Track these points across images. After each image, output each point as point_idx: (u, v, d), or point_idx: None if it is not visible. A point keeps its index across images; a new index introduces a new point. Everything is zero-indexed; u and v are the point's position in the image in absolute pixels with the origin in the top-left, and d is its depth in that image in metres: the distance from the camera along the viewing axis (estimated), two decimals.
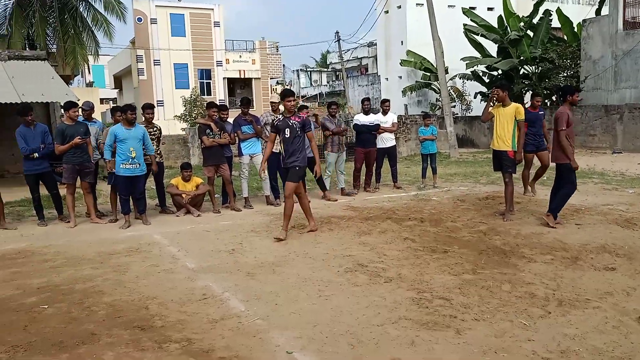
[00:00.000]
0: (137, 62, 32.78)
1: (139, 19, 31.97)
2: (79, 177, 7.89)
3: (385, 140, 10.30)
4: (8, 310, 4.33)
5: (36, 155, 7.66)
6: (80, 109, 8.57)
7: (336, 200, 9.37)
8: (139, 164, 7.63)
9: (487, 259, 5.52)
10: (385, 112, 10.43)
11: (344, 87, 39.38)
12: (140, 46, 32.28)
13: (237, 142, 8.95)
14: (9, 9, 22.17)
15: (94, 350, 3.52)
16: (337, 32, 35.51)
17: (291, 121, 6.77)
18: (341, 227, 7.19)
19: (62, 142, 7.64)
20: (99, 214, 8.27)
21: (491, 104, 7.55)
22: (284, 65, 42.18)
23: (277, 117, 7.69)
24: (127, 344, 3.60)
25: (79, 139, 7.63)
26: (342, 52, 37.58)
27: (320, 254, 5.87)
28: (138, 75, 32.85)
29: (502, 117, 7.36)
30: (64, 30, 22.16)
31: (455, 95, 26.79)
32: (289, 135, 6.76)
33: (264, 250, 6.10)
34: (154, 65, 32.69)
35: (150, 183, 9.04)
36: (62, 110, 8.87)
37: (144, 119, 8.37)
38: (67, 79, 21.40)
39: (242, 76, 35.80)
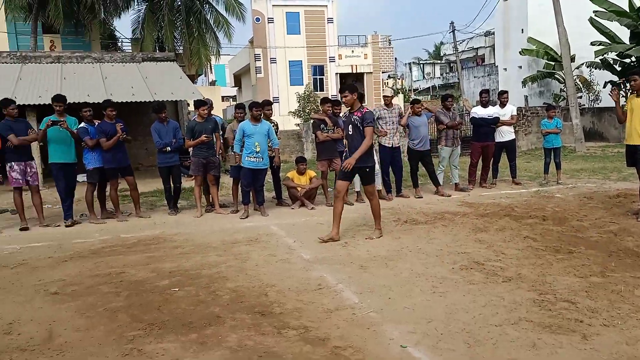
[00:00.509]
0: (255, 60, 34.20)
1: (257, 19, 33.31)
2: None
3: (504, 134, 9.89)
4: (145, 291, 4.75)
5: (168, 149, 8.31)
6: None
7: (450, 196, 9.17)
8: (262, 158, 8.03)
9: (618, 262, 5.12)
10: (503, 105, 10.01)
11: (458, 79, 38.25)
12: (258, 45, 33.64)
13: None
14: (141, 14, 24.12)
15: (220, 332, 3.76)
16: (452, 23, 34.61)
17: (353, 116, 6.40)
18: (455, 224, 7.03)
19: (192, 138, 8.23)
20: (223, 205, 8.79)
21: (618, 99, 7.00)
22: (395, 58, 41.78)
23: (345, 113, 7.12)
24: (249, 327, 3.81)
25: (205, 136, 8.15)
26: (457, 43, 36.50)
27: (434, 250, 5.79)
28: (256, 73, 34.29)
29: (639, 109, 6.76)
30: (190, 33, 23.67)
31: (581, 85, 24.94)
32: (351, 131, 6.44)
33: (376, 244, 6.13)
34: (271, 63, 33.91)
35: (267, 176, 9.42)
36: (193, 108, 9.51)
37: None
38: (192, 79, 22.92)
39: (354, 71, 36.02)
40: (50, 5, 20.78)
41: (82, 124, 7.98)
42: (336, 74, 35.48)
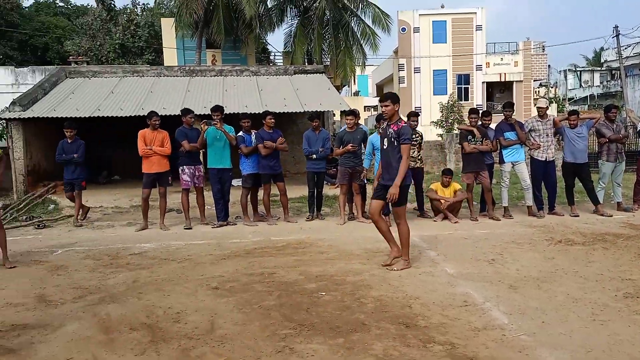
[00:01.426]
0: (398, 70, 34.27)
1: (403, 29, 33.37)
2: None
3: None
4: (294, 292, 5.02)
5: (314, 156, 8.70)
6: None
7: (611, 216, 8.42)
8: None
9: None
10: None
11: (621, 87, 34.79)
12: (403, 55, 33.66)
13: (498, 148, 8.72)
14: (293, 28, 25.43)
15: (365, 339, 3.85)
16: (616, 27, 31.59)
17: (389, 129, 5.79)
18: (618, 247, 6.44)
19: (340, 147, 8.52)
20: (365, 214, 8.93)
21: None
22: (549, 65, 39.22)
23: (382, 124, 6.33)
24: (394, 337, 3.85)
25: (352, 145, 8.38)
26: (621, 48, 33.25)
27: (593, 274, 5.36)
28: (399, 83, 34.32)
29: None
30: (337, 45, 24.46)
31: None
32: (386, 145, 5.85)
33: (527, 263, 5.83)
34: (414, 72, 33.74)
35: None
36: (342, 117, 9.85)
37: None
38: (337, 89, 23.61)
39: (502, 79, 34.48)
40: (213, 22, 22.80)
41: (240, 133, 8.63)
42: (483, 82, 34.27)
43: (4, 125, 12.35)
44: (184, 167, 8.55)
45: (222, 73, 15.18)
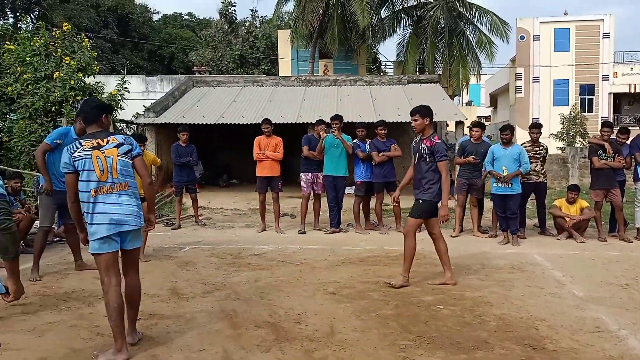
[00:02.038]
0: (515, 80, 32.87)
1: (522, 37, 32.00)
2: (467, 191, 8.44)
3: None
4: (411, 304, 4.99)
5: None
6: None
7: None
8: (511, 183, 7.70)
9: None
10: None
11: None
12: (521, 64, 32.26)
13: (633, 166, 8.08)
14: (406, 38, 25.34)
15: (489, 357, 3.74)
16: None
17: (422, 144, 5.54)
18: None
19: (460, 156, 8.36)
20: (480, 229, 8.66)
21: None
22: None
23: (416, 139, 5.88)
24: (520, 359, 3.71)
25: (473, 157, 8.16)
26: None
27: None
28: (515, 93, 32.92)
29: None
30: (450, 54, 24.00)
31: None
32: (417, 160, 5.62)
33: None
34: (533, 82, 32.19)
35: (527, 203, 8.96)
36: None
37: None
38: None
39: (632, 90, 31.86)
40: (327, 33, 23.34)
41: (355, 141, 8.76)
42: (609, 93, 31.91)
43: (138, 129, 13.45)
44: (303, 173, 8.83)
45: (337, 83, 15.48)
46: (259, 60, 30.39)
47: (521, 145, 8.22)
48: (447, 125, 15.58)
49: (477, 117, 42.15)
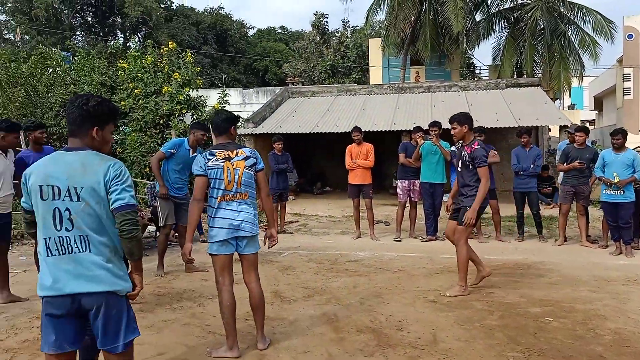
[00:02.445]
0: (623, 81, 30.66)
1: (630, 36, 29.78)
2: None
3: None
4: (517, 315, 4.81)
5: (522, 172, 8.30)
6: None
7: None
8: (623, 190, 7.20)
9: None
10: None
11: None
12: (629, 64, 30.05)
13: None
14: (502, 41, 24.48)
15: None
16: None
17: (463, 151, 5.54)
18: None
19: (564, 163, 7.96)
20: (589, 238, 8.17)
21: None
22: None
23: (456, 145, 5.88)
24: None
25: (579, 162, 7.74)
26: None
27: None
28: (623, 95, 30.69)
29: None
30: (551, 56, 22.85)
31: None
32: (460, 168, 5.61)
33: None
34: None
35: None
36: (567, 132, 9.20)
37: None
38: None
39: None
40: (419, 40, 23.11)
41: (453, 148, 8.58)
42: None
43: (238, 140, 14.05)
44: (399, 180, 8.81)
45: (430, 89, 15.29)
46: (350, 69, 30.67)
47: (634, 149, 7.68)
48: (550, 130, 14.86)
49: (581, 121, 39.74)
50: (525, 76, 21.43)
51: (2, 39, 35.28)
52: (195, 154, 6.62)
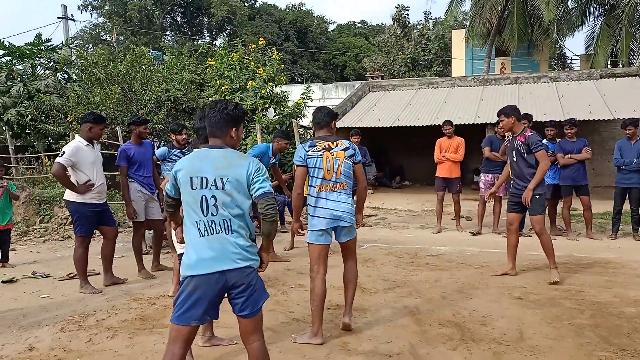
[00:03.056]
0: None
1: None
2: None
3: None
4: (610, 314, 4.60)
5: (624, 167, 7.82)
6: None
7: None
8: None
9: None
10: None
11: None
12: None
13: None
14: (596, 29, 23.12)
15: None
16: None
17: (516, 141, 5.74)
18: None
19: None
20: None
21: None
22: None
23: (508, 137, 6.14)
24: None
25: None
26: None
27: None
28: None
29: None
30: None
31: None
32: (515, 158, 5.79)
33: None
34: None
35: None
36: None
37: None
38: None
39: None
40: (506, 30, 22.28)
41: (544, 141, 8.26)
42: None
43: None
44: (482, 174, 8.62)
45: (517, 81, 14.73)
46: (431, 62, 30.12)
47: None
48: None
49: None
50: (621, 66, 20.13)
51: (99, 40, 37.72)
52: (274, 160, 6.90)
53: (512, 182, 6.06)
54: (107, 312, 4.96)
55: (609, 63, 22.94)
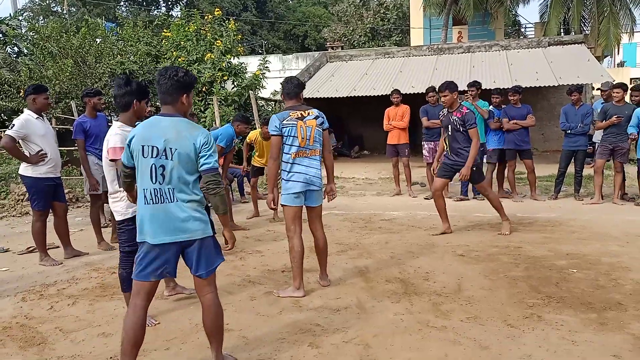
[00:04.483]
0: None
1: None
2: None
3: None
4: (542, 267, 5.00)
5: (570, 131, 8.24)
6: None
7: None
8: None
9: None
10: None
11: None
12: None
13: None
14: None
15: (621, 318, 3.72)
16: None
17: (452, 117, 6.24)
18: None
19: (602, 120, 7.93)
20: (626, 196, 8.15)
21: None
22: None
23: (443, 112, 6.57)
24: None
25: (617, 117, 7.68)
26: None
27: None
28: None
29: None
30: (600, 11, 21.97)
31: None
32: (450, 132, 6.29)
33: None
34: None
35: None
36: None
37: None
38: (598, 60, 21.24)
39: None
40: None
41: (490, 108, 8.62)
42: None
43: (276, 105, 14.34)
44: (424, 142, 9.00)
45: (470, 49, 15.07)
46: (390, 32, 30.25)
47: None
48: (594, 88, 14.48)
49: (631, 79, 38.03)
50: (573, 33, 20.73)
51: (50, 11, 36.34)
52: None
53: (445, 152, 6.50)
54: (67, 282, 5.09)
55: (561, 30, 23.57)
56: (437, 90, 8.91)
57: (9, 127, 5.55)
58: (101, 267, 5.51)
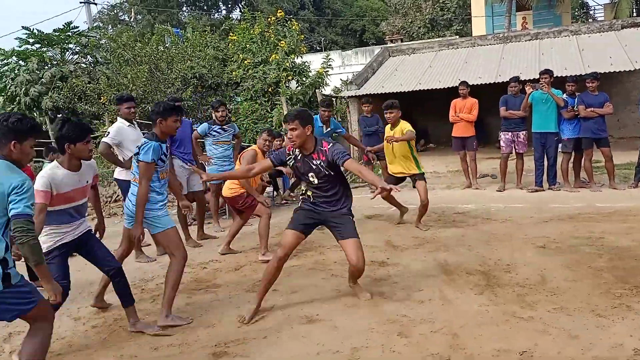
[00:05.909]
0: None
1: None
2: None
3: None
4: (628, 257, 4.92)
5: None
6: None
7: None
8: None
9: None
10: None
11: None
12: None
13: None
14: None
15: None
16: None
17: (314, 160, 4.16)
18: None
19: None
20: None
21: None
22: None
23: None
24: None
25: None
26: None
27: None
28: None
29: None
30: None
31: None
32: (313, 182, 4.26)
33: None
34: None
35: None
36: None
37: None
38: None
39: None
40: None
41: (564, 96, 8.43)
42: None
43: (337, 101, 14.52)
44: (502, 133, 8.88)
45: (538, 36, 14.66)
46: (451, 21, 29.75)
47: None
48: None
49: None
50: None
51: (118, 20, 38.08)
52: (329, 128, 7.28)
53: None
54: (163, 277, 5.45)
55: (634, 11, 22.43)
56: (518, 80, 8.91)
57: (105, 135, 6.01)
58: (192, 263, 5.86)
